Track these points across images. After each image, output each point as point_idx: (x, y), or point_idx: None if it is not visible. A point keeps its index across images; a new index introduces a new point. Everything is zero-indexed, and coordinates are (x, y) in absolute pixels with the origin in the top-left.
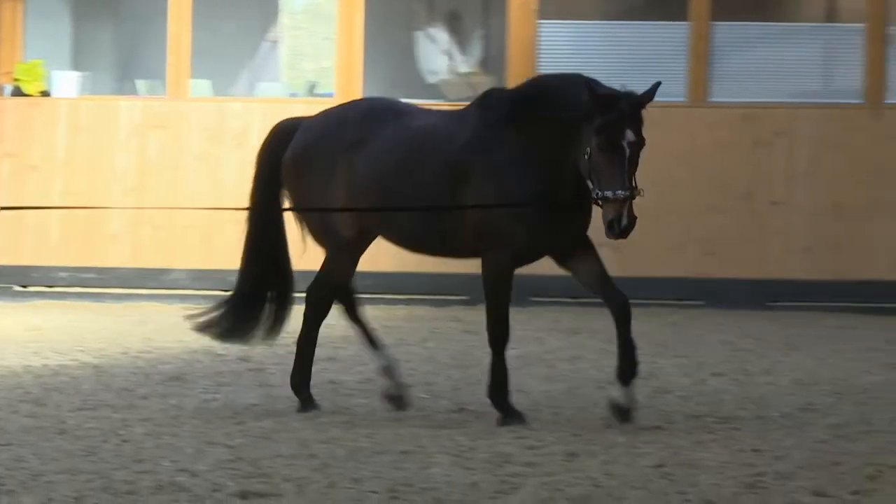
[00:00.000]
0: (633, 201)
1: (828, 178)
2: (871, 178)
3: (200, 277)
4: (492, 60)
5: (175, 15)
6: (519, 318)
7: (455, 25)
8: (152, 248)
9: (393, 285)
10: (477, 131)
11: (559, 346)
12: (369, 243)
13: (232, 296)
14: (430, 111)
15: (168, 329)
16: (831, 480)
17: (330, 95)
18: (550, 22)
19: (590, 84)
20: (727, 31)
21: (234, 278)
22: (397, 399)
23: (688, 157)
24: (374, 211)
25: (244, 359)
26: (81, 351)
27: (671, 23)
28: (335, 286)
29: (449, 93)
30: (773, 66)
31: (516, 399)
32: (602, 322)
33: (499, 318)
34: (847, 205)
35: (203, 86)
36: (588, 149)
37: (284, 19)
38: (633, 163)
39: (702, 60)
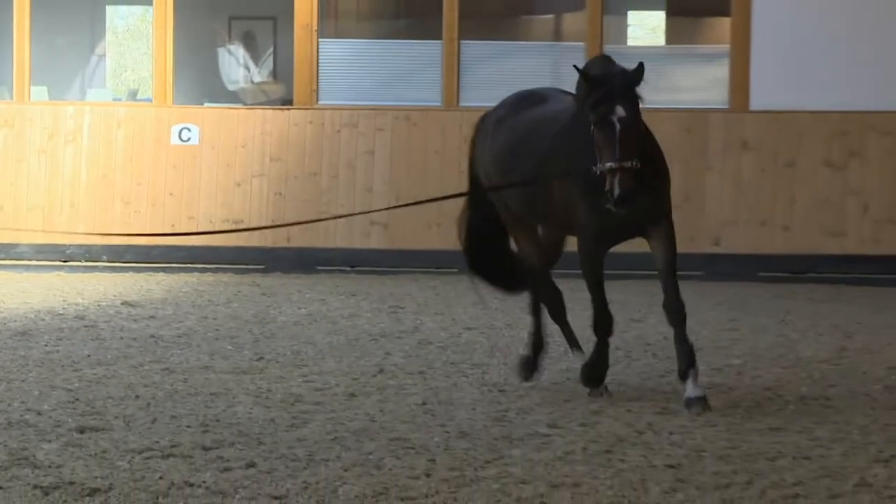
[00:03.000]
0: (632, 172)
1: None
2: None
3: (41, 250)
4: (281, 72)
5: (18, 33)
6: (306, 284)
7: (250, 43)
8: (1, 226)
9: (202, 256)
10: (564, 114)
11: (340, 306)
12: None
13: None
14: (567, 99)
15: (15, 293)
16: (563, 415)
17: (148, 100)
18: (328, 40)
19: (581, 67)
20: (473, 48)
21: (70, 251)
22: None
23: (441, 151)
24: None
25: (80, 317)
26: None
27: (428, 41)
28: (529, 262)
29: (245, 98)
30: (510, 77)
31: (305, 349)
32: (375, 286)
33: (594, 299)
34: None
35: (42, 91)
36: (591, 127)
37: (109, 37)
38: (625, 136)
39: (453, 72)
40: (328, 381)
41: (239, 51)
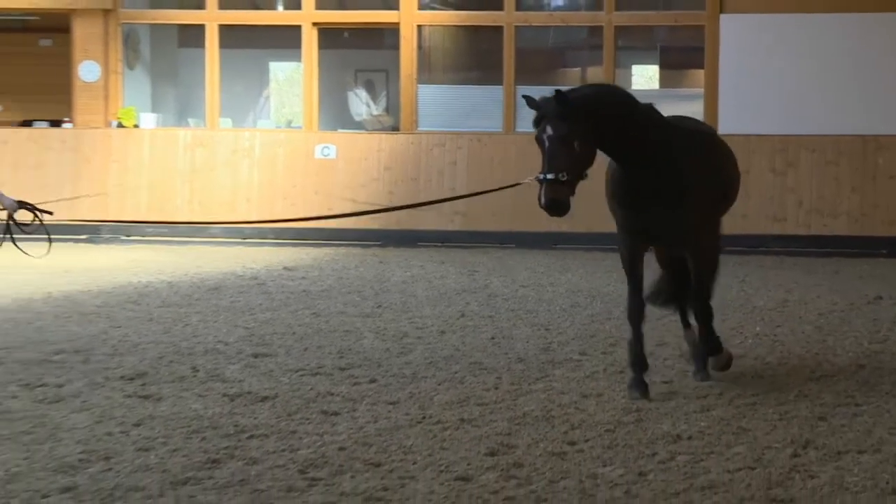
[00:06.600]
0: (559, 183)
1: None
2: None
3: (228, 232)
4: (392, 108)
5: (210, 82)
6: (410, 254)
7: (370, 88)
8: (200, 213)
9: (338, 236)
10: None
11: (433, 270)
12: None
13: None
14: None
15: (210, 262)
16: (590, 345)
17: (299, 128)
18: (425, 85)
19: (525, 96)
20: (525, 92)
21: (247, 231)
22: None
23: (503, 163)
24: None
25: (254, 277)
26: (160, 273)
27: (493, 86)
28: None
29: (367, 126)
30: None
31: (409, 300)
32: (458, 256)
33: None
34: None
35: (227, 122)
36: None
37: (273, 84)
38: (553, 152)
39: (510, 108)
40: (426, 322)
41: (362, 93)
